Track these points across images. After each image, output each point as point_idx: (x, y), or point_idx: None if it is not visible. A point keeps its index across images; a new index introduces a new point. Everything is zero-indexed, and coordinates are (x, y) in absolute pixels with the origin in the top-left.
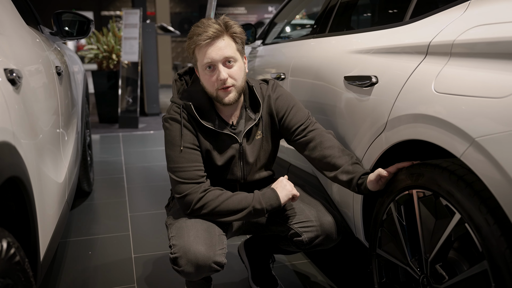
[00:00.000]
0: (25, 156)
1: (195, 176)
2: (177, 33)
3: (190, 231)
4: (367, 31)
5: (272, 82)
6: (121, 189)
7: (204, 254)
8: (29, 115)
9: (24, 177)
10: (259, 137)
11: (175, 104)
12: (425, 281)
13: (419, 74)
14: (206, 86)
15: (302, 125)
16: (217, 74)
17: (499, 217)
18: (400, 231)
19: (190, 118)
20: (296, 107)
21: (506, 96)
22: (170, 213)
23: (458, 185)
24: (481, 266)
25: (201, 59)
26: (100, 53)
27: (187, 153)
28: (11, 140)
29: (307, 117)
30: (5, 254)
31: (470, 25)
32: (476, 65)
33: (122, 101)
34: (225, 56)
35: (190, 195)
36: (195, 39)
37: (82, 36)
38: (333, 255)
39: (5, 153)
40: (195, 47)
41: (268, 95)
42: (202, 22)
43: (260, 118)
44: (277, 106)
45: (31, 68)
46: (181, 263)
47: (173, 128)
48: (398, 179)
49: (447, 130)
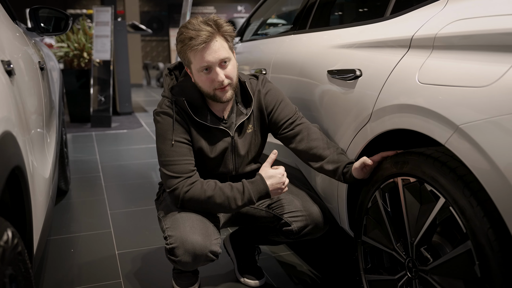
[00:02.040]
0: (22, 148)
1: (185, 170)
2: (149, 32)
3: (185, 222)
4: (348, 26)
5: (262, 77)
6: (99, 187)
7: (201, 244)
8: (21, 108)
9: (24, 168)
10: (250, 131)
11: (167, 99)
12: (410, 264)
13: (403, 67)
14: (202, 87)
15: (290, 119)
16: (215, 76)
17: (482, 199)
18: (386, 218)
19: (182, 113)
20: (284, 102)
21: (487, 85)
22: (161, 207)
23: (442, 171)
24: (465, 246)
25: (196, 62)
26: (70, 51)
27: (178, 147)
28: (13, 130)
29: (294, 111)
30: (11, 243)
31: (450, 19)
32: (457, 57)
33: (94, 100)
34: (221, 58)
35: (179, 189)
36: (189, 44)
37: (60, 32)
38: (315, 245)
39: (10, 143)
40: (189, 51)
41: (258, 90)
42: (192, 24)
43: (252, 112)
44: (266, 100)
45: (20, 61)
46: (178, 253)
47: (164, 122)
48: (383, 167)
49: (431, 119)
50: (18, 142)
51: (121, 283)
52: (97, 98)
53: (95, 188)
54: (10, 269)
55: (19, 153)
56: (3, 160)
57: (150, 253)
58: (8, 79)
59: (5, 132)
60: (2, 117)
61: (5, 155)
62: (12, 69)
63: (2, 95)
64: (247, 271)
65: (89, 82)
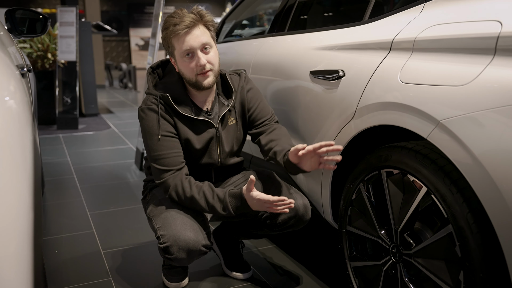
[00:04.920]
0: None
1: (174, 163)
2: (113, 32)
3: (176, 220)
4: (328, 29)
5: (244, 75)
6: (74, 189)
7: (194, 239)
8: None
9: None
10: (233, 123)
11: (152, 96)
12: (394, 249)
13: (385, 67)
14: (185, 73)
15: (266, 120)
16: (197, 60)
17: (461, 187)
18: (370, 208)
19: (167, 107)
20: (263, 103)
21: (465, 84)
22: (149, 206)
23: (424, 162)
24: (446, 230)
25: (179, 47)
26: (34, 52)
27: (165, 141)
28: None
29: (271, 114)
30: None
31: (428, 24)
32: (436, 58)
33: (60, 102)
34: (203, 43)
35: (169, 180)
36: (172, 29)
37: (37, 34)
38: (297, 238)
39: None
40: (173, 36)
41: (241, 86)
42: (177, 13)
43: (233, 106)
44: (248, 97)
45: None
46: (173, 251)
47: (149, 118)
48: (366, 161)
49: (414, 115)
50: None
51: (111, 281)
52: (63, 99)
53: (71, 190)
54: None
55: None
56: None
57: (136, 250)
58: (23, 80)
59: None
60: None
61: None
62: (25, 71)
63: (25, 97)
64: (234, 265)
65: (53, 83)
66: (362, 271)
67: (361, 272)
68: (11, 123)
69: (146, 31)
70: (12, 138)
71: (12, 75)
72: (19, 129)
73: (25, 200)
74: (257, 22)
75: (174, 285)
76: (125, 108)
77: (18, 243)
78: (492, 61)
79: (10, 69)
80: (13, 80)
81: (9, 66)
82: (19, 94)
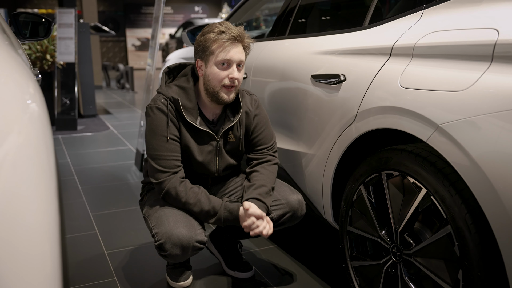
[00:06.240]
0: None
1: (172, 165)
2: (112, 33)
3: (169, 218)
4: (328, 34)
5: (255, 98)
6: (76, 190)
7: (186, 235)
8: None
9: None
10: (235, 140)
11: (163, 96)
12: (395, 249)
13: (385, 72)
14: (212, 80)
15: (265, 149)
16: (230, 72)
17: (460, 188)
18: (371, 209)
19: (175, 111)
20: (267, 131)
21: (463, 89)
22: (145, 207)
23: (424, 165)
24: (445, 230)
25: (219, 53)
26: (33, 53)
27: (168, 143)
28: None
29: (272, 142)
30: None
31: (427, 31)
32: (435, 64)
33: (58, 103)
34: (241, 60)
35: (165, 182)
36: (218, 36)
37: (40, 38)
38: (297, 239)
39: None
40: (217, 41)
41: (250, 108)
42: (223, 23)
43: (239, 124)
44: (254, 122)
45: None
46: (166, 248)
47: (157, 117)
48: (367, 163)
49: (414, 119)
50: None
51: (115, 281)
52: (62, 101)
53: (72, 191)
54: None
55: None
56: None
57: (139, 251)
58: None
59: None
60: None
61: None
62: (39, 79)
63: (43, 99)
64: (235, 265)
65: (52, 84)
66: (362, 271)
67: (362, 272)
68: (37, 125)
69: (143, 31)
70: (37, 139)
71: (30, 77)
72: (42, 131)
73: (54, 200)
74: (253, 23)
75: (178, 284)
76: (123, 109)
77: (53, 240)
78: (490, 68)
79: (27, 72)
80: (31, 82)
81: (26, 69)
82: (38, 96)
